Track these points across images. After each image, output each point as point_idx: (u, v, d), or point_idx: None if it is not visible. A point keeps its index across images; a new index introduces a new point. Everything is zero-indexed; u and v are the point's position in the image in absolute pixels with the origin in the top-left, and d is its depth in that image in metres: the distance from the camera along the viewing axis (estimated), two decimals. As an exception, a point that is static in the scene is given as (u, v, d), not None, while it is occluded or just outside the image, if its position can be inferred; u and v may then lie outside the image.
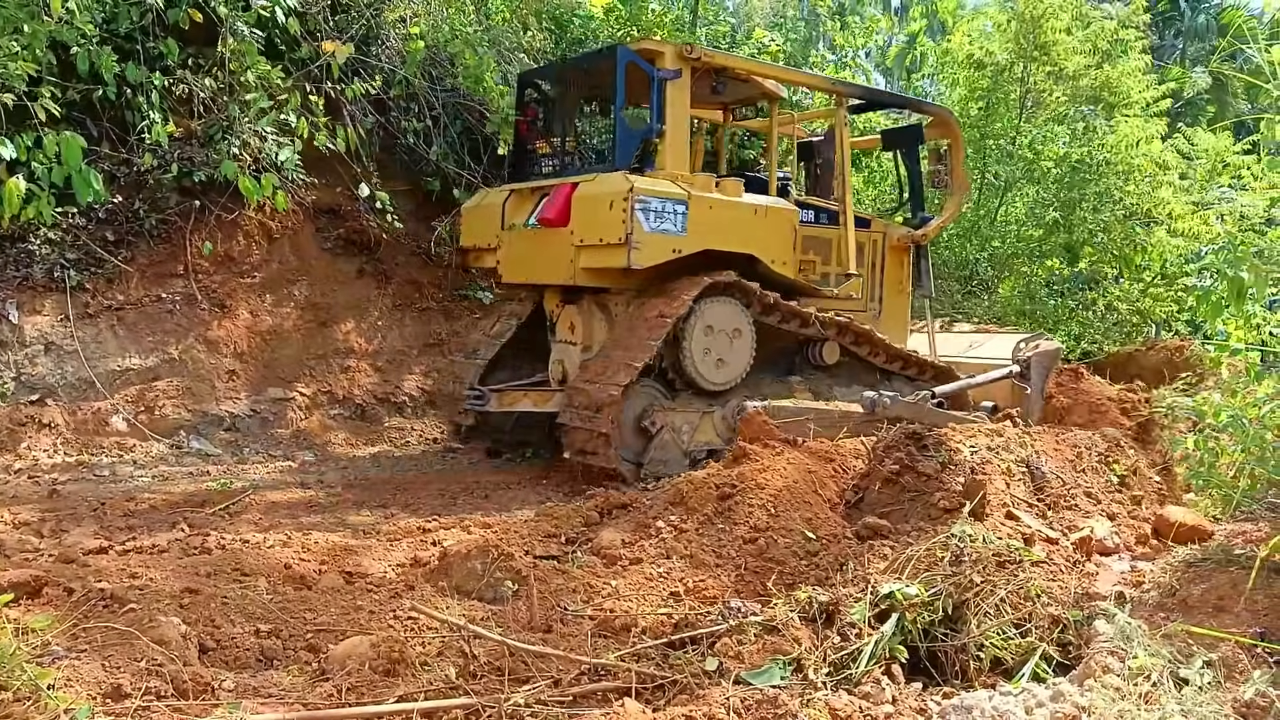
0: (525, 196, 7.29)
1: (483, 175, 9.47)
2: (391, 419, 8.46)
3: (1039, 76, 15.30)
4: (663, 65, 6.82)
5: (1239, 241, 6.26)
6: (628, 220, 6.29)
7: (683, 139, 6.99)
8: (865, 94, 8.78)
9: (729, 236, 6.86)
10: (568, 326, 7.29)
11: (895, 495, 5.15)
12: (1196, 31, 33.66)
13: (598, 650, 3.36)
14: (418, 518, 5.74)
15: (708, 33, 13.08)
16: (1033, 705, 2.86)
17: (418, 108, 9.34)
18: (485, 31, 9.09)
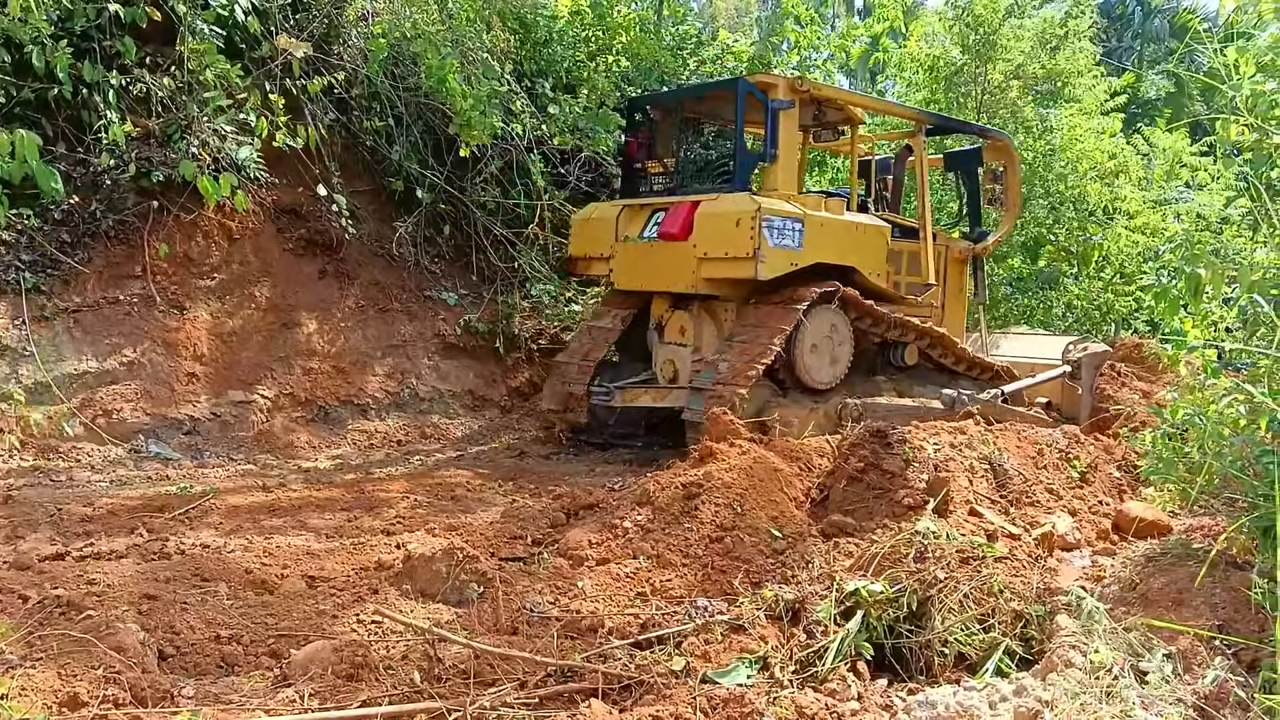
0: (636, 212, 8.03)
1: (445, 176, 9.41)
2: (355, 421, 8.38)
3: (994, 76, 15.48)
4: (776, 96, 7.56)
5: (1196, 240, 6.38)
6: (755, 237, 6.98)
7: (792, 162, 7.85)
8: (939, 121, 9.63)
9: (835, 251, 7.60)
10: (678, 330, 8.00)
11: (860, 493, 5.19)
12: (1152, 35, 34.20)
13: (564, 652, 3.35)
14: (382, 520, 5.69)
15: (674, 34, 13.10)
16: (996, 700, 2.88)
17: (380, 107, 9.26)
18: (449, 31, 9.03)
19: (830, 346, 7.59)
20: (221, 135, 7.70)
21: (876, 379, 8.15)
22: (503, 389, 9.34)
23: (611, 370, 8.28)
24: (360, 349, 8.73)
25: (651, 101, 9.12)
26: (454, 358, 9.22)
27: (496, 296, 9.55)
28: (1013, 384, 7.74)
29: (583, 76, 10.74)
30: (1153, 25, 34.39)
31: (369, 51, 8.93)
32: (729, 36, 13.73)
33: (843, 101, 8.46)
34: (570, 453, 8.20)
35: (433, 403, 8.89)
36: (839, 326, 7.65)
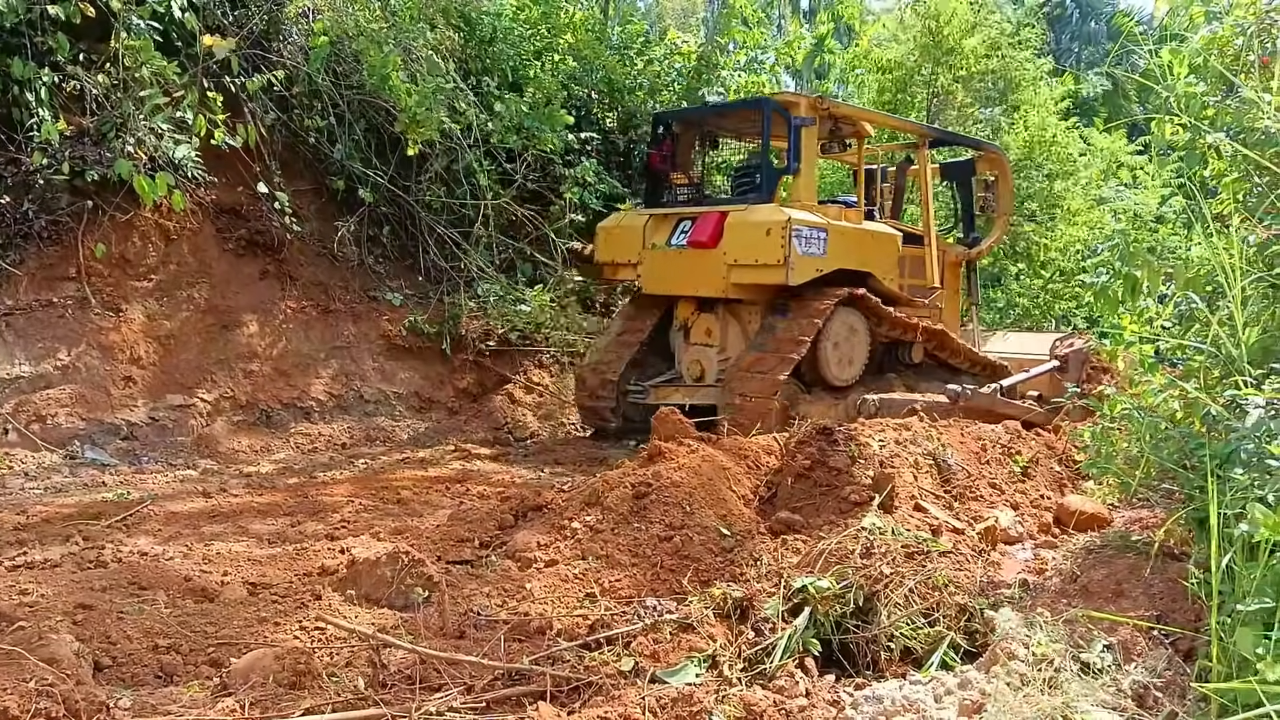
0: (662, 220, 8.51)
1: (389, 178, 9.30)
2: (298, 424, 8.24)
3: (945, 79, 15.71)
4: (798, 114, 8.04)
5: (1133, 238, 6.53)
6: (786, 245, 7.44)
7: (812, 175, 8.32)
8: (939, 134, 10.40)
9: (855, 257, 8.13)
10: (704, 332, 8.48)
11: (808, 490, 5.21)
12: (1089, 37, 34.96)
13: (512, 655, 3.31)
14: (326, 525, 5.60)
15: (621, 33, 13.08)
16: (941, 693, 2.90)
17: (321, 105, 9.13)
18: (391, 29, 8.92)
19: (849, 346, 8.16)
20: (158, 134, 7.53)
21: (887, 376, 8.66)
22: (450, 390, 9.25)
23: (636, 370, 8.68)
24: (303, 351, 8.60)
25: (676, 117, 9.62)
26: (399, 359, 9.12)
27: (443, 297, 9.46)
28: (1010, 379, 8.13)
29: (529, 75, 10.69)
30: (1090, 27, 35.17)
31: (310, 49, 8.80)
32: (677, 36, 13.73)
33: (856, 118, 9.04)
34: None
35: (378, 405, 8.78)
36: (857, 327, 8.21)
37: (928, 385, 8.42)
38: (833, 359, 8.02)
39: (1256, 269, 3.54)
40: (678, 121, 9.39)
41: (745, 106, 9.42)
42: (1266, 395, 2.82)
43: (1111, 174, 18.70)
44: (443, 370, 9.30)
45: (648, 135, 11.93)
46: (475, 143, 9.26)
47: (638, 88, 12.32)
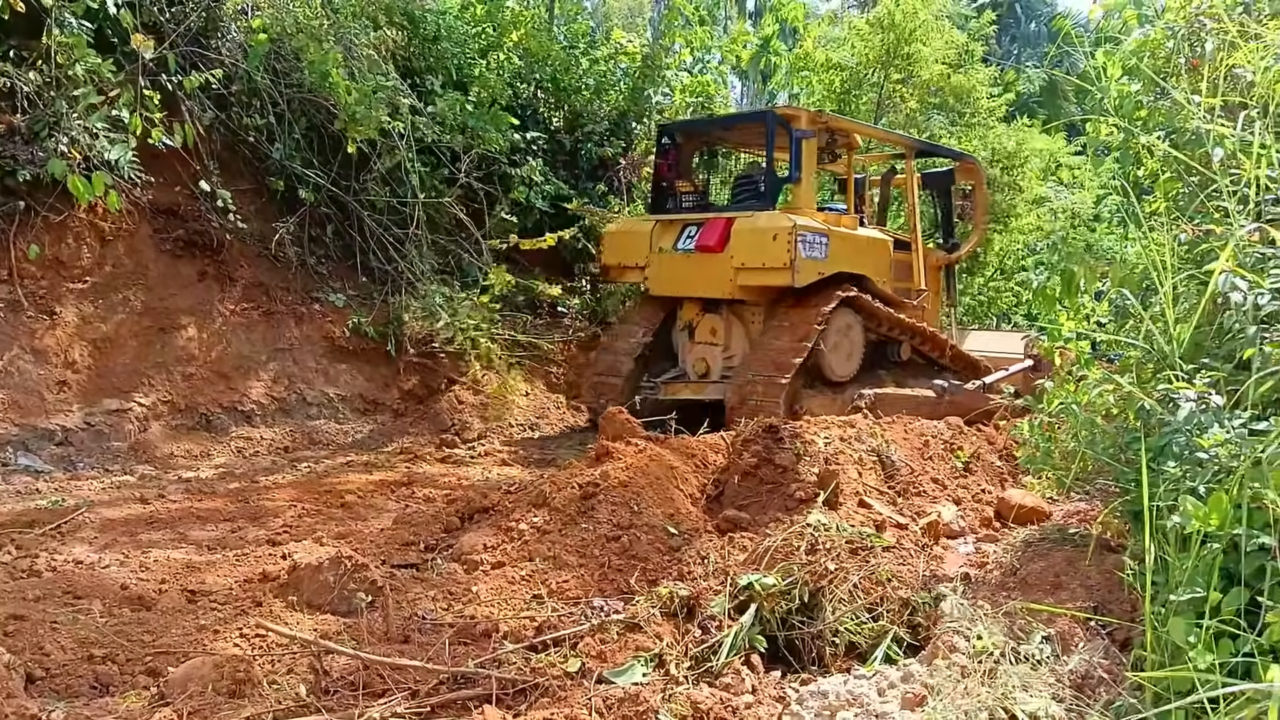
0: (667, 226, 8.95)
1: (331, 178, 9.16)
2: (239, 428, 8.08)
3: (893, 82, 15.91)
4: (799, 126, 8.54)
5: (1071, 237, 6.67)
6: (792, 249, 7.87)
7: (812, 183, 8.79)
8: (923, 146, 10.82)
9: (852, 261, 8.61)
10: (709, 331, 8.94)
11: (754, 488, 5.23)
12: (1030, 38, 35.63)
13: (457, 658, 3.28)
14: (267, 530, 5.50)
15: (566, 31, 13.04)
16: (884, 687, 2.93)
17: (261, 104, 8.97)
18: (333, 26, 8.79)
19: (847, 344, 8.62)
20: (93, 133, 7.33)
21: (878, 373, 9.06)
22: (395, 392, 9.14)
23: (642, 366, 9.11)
24: (243, 353, 8.43)
25: (680, 128, 10.07)
26: (343, 361, 8.98)
27: (387, 298, 9.34)
28: (990, 376, 8.52)
29: (474, 74, 10.61)
30: (1030, 29, 35.84)
31: (249, 47, 8.64)
32: (622, 36, 13.73)
33: (850, 130, 9.65)
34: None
35: (321, 408, 8.64)
36: (854, 327, 8.67)
37: (914, 381, 8.81)
38: (831, 356, 8.45)
39: (1188, 267, 3.63)
40: (681, 132, 9.85)
41: (749, 119, 9.97)
42: (1197, 390, 2.89)
43: (1050, 174, 19.08)
44: (387, 372, 9.18)
45: (594, 134, 12.04)
46: (415, 142, 9.16)
47: (584, 87, 12.29)
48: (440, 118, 9.54)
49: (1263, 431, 2.57)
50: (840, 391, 8.45)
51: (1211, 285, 2.93)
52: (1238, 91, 3.95)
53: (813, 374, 8.38)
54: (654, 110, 12.85)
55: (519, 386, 9.86)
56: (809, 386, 8.36)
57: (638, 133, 12.67)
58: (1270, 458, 2.37)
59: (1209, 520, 2.45)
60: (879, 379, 8.88)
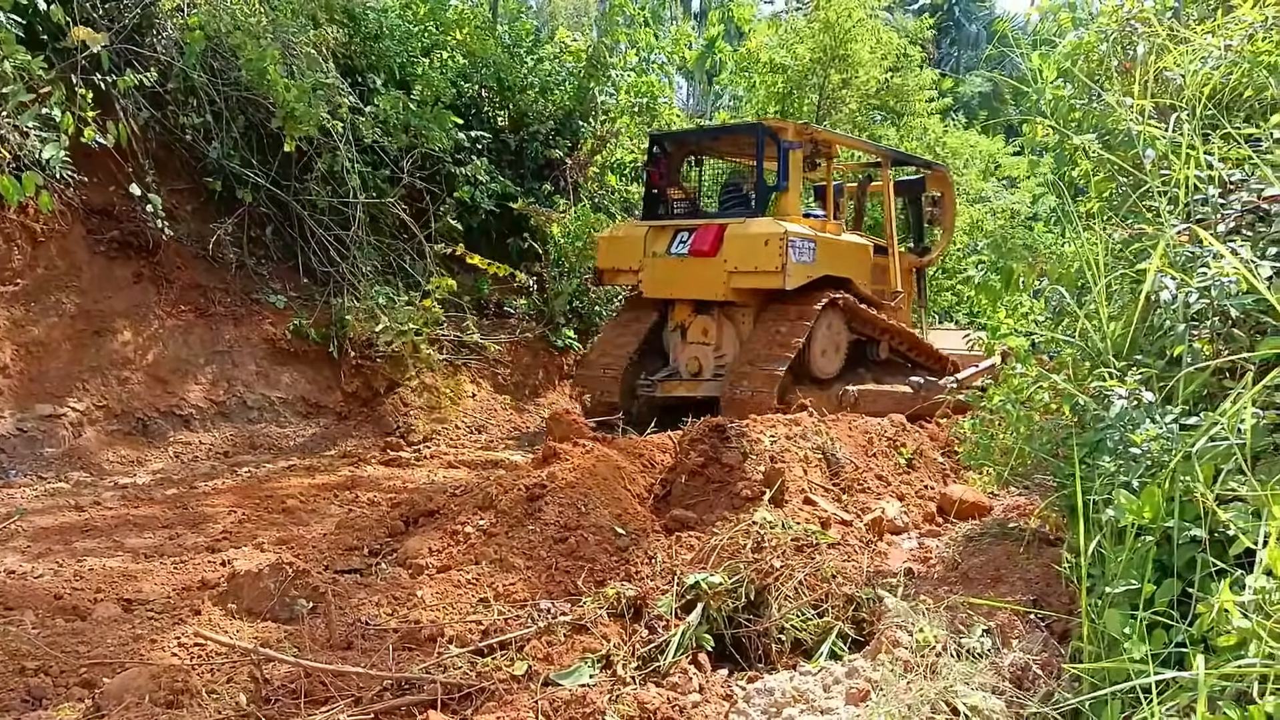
0: (660, 231, 9.34)
1: (271, 178, 9.00)
2: (177, 433, 7.91)
3: (835, 82, 16.07)
4: (787, 138, 8.98)
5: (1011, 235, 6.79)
6: (783, 254, 8.30)
7: (798, 192, 9.27)
8: (898, 155, 11.42)
9: (838, 265, 9.08)
10: (701, 331, 9.30)
11: (701, 487, 5.25)
12: (970, 40, 36.23)
13: (401, 664, 3.24)
14: (206, 537, 5.40)
15: (509, 30, 12.97)
16: (830, 683, 2.96)
17: (197, 102, 8.79)
18: (271, 24, 8.63)
19: (832, 344, 9.08)
20: (23, 132, 7.12)
21: (859, 370, 9.50)
22: (338, 395, 9.01)
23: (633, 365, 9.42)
24: (181, 356, 8.25)
25: (669, 138, 10.53)
26: (284, 363, 8.83)
27: (329, 299, 9.20)
28: (962, 373, 8.83)
29: (416, 72, 10.50)
30: (970, 31, 36.44)
31: (185, 44, 8.46)
32: (566, 35, 13.68)
33: (832, 141, 10.13)
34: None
35: (262, 411, 8.49)
36: (838, 327, 9.11)
37: (891, 379, 9.23)
38: (818, 355, 8.89)
39: (1121, 265, 3.71)
40: (671, 142, 10.30)
41: (739, 131, 10.50)
42: (1129, 386, 2.95)
43: (990, 174, 19.44)
44: (329, 374, 9.05)
45: (540, 134, 12.01)
46: (356, 141, 9.04)
47: (528, 86, 12.23)
48: (382, 116, 9.42)
49: (1193, 426, 2.63)
50: (826, 388, 8.86)
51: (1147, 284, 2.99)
52: (1168, 94, 4.04)
53: (800, 372, 8.76)
54: (599, 110, 12.84)
55: (465, 388, 9.78)
56: (797, 383, 8.71)
57: (583, 132, 12.64)
58: (1200, 452, 2.42)
59: (1142, 513, 2.51)
60: (860, 376, 9.31)
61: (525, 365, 10.81)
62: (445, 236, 9.92)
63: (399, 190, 9.66)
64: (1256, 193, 3.14)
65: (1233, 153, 3.34)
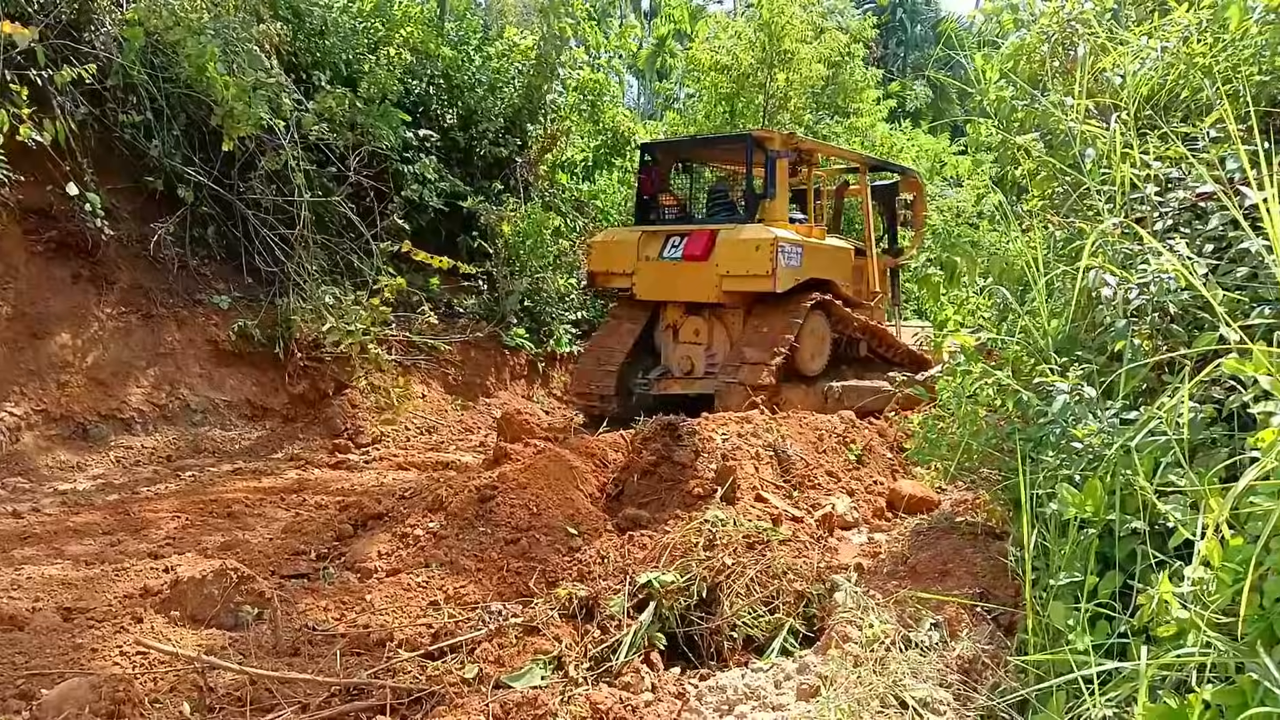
0: (652, 236, 9.75)
1: (214, 177, 8.83)
2: (118, 437, 7.73)
3: (780, 82, 16.18)
4: (774, 147, 9.37)
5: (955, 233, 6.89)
6: (773, 259, 8.68)
7: (785, 198, 9.57)
8: (875, 162, 11.86)
9: (822, 268, 9.46)
10: (693, 332, 9.75)
11: (653, 485, 5.25)
12: (915, 41, 36.68)
13: (350, 670, 3.20)
14: (149, 543, 5.28)
15: (457, 28, 12.87)
16: (781, 679, 2.97)
17: (137, 100, 8.59)
18: (213, 20, 8.46)
19: (818, 343, 9.47)
20: (-46, 130, 6.92)
21: (841, 368, 9.89)
22: (284, 397, 8.87)
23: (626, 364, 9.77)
24: (122, 359, 8.07)
25: (660, 147, 10.98)
26: (228, 365, 8.67)
27: (274, 299, 9.05)
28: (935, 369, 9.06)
29: (363, 69, 10.37)
30: (915, 33, 36.90)
31: (123, 40, 8.26)
32: (515, 33, 13.60)
33: (815, 150, 10.61)
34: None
35: (206, 414, 8.33)
36: (822, 327, 9.54)
37: (870, 376, 9.49)
38: (805, 354, 9.26)
39: (1063, 263, 3.77)
40: (661, 151, 10.75)
41: (728, 141, 10.85)
42: (1071, 382, 3.00)
43: (936, 173, 19.69)
44: (275, 376, 8.90)
45: (488, 132, 11.93)
46: (300, 138, 8.91)
47: (477, 84, 12.14)
48: (327, 114, 9.29)
49: (1133, 421, 2.68)
50: (812, 385, 9.25)
51: (1085, 280, 3.04)
52: (1108, 94, 4.12)
53: (789, 370, 9.13)
54: (549, 108, 12.79)
55: (415, 389, 9.69)
56: (786, 380, 9.14)
57: (533, 131, 12.58)
58: (1140, 446, 2.47)
59: (1084, 507, 2.55)
60: (842, 374, 9.71)
61: (476, 365, 10.74)
62: (393, 235, 9.81)
63: (345, 189, 9.53)
64: (1192, 191, 3.21)
65: (1170, 152, 3.41)
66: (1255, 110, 3.00)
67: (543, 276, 11.79)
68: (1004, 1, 5.69)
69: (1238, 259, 2.89)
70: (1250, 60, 3.75)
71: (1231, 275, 2.85)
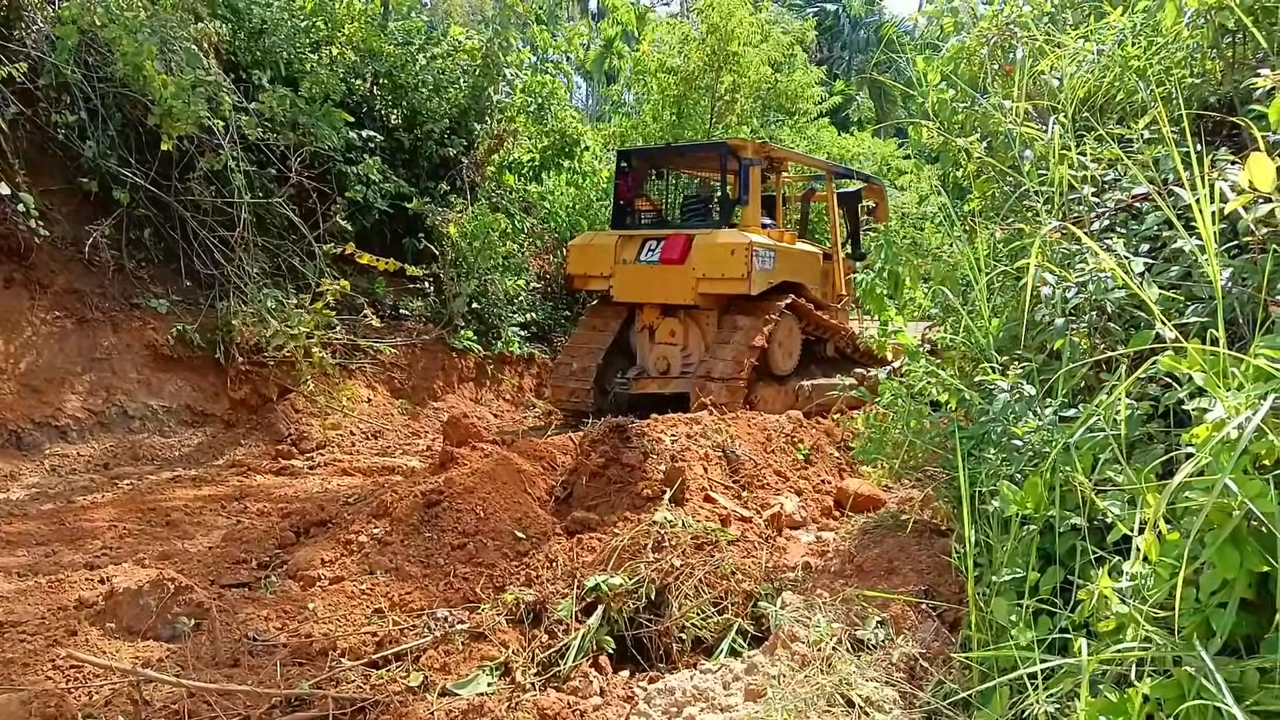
0: (629, 240, 10.03)
1: (151, 178, 8.63)
2: (53, 445, 7.51)
3: (726, 84, 16.26)
4: (747, 155, 9.67)
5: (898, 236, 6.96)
6: (748, 263, 9.02)
7: (758, 204, 9.81)
8: (840, 169, 12.17)
9: (793, 272, 9.82)
10: (668, 333, 10.02)
11: (602, 488, 5.23)
12: (859, 45, 37.07)
13: (291, 680, 3.14)
14: (85, 554, 5.13)
15: (401, 28, 12.72)
16: (729, 680, 2.97)
17: (71, 99, 8.37)
18: (150, 19, 8.26)
19: (789, 344, 9.85)
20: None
21: (810, 368, 10.27)
22: (225, 402, 8.68)
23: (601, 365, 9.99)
24: (56, 364, 7.85)
25: (637, 154, 11.13)
26: (167, 370, 8.46)
27: (214, 303, 8.86)
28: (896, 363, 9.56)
29: (304, 69, 10.20)
30: (859, 37, 37.30)
31: (56, 38, 8.04)
32: (461, 32, 13.48)
33: (784, 158, 11.01)
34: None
35: (144, 420, 8.12)
36: (793, 328, 9.91)
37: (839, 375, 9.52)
38: (777, 353, 9.62)
39: (1003, 263, 3.82)
40: (638, 158, 10.97)
41: (703, 149, 11.13)
42: (1011, 380, 3.03)
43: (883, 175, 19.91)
44: (216, 381, 8.70)
45: (434, 133, 11.82)
46: (240, 139, 8.74)
47: (422, 84, 12.01)
48: (268, 114, 9.12)
49: (1072, 418, 2.71)
50: (784, 383, 9.65)
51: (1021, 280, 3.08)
52: (1046, 97, 4.18)
53: (761, 369, 9.45)
54: (495, 109, 12.70)
55: (360, 393, 9.55)
56: (759, 379, 9.45)
57: (479, 132, 12.48)
58: (1079, 443, 2.50)
59: (1025, 504, 2.58)
60: (811, 373, 10.10)
61: (422, 368, 10.61)
62: (336, 237, 9.65)
63: (287, 190, 9.36)
64: (1128, 192, 3.27)
65: (1106, 153, 3.47)
66: (1187, 112, 3.06)
67: (491, 278, 11.69)
68: (945, 5, 5.76)
69: (1172, 258, 2.95)
70: (1182, 63, 3.84)
71: (1166, 274, 2.90)
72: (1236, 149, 3.13)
